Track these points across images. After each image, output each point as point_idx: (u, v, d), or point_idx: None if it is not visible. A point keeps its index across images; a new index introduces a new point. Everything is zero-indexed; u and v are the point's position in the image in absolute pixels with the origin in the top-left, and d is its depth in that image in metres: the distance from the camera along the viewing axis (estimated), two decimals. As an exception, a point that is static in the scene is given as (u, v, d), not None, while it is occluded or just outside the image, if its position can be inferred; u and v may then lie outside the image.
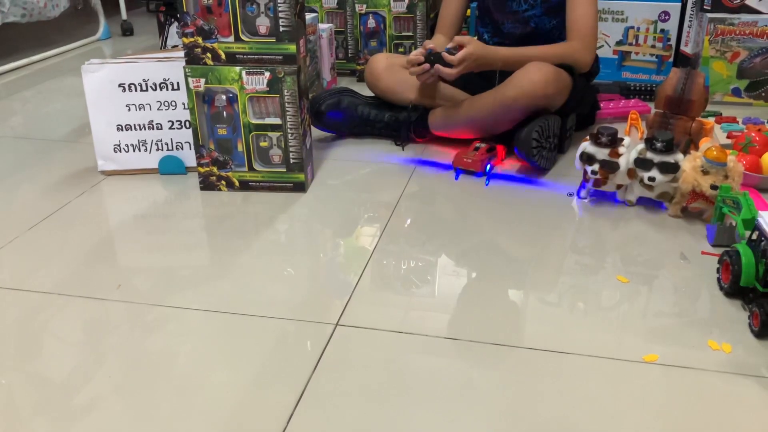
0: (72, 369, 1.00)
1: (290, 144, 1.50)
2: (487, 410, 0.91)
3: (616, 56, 2.27)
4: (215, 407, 0.92)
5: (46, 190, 1.58)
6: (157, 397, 0.94)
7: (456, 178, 1.58)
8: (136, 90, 1.59)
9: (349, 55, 2.40)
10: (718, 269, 1.17)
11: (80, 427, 0.89)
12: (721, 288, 1.15)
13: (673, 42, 2.22)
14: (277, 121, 1.49)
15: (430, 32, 2.27)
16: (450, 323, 1.09)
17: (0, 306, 1.15)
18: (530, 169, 1.62)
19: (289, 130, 1.49)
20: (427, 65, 1.62)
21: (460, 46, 1.59)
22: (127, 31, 3.23)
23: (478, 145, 1.63)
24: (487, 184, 1.53)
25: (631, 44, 2.26)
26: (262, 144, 1.52)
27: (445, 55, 1.59)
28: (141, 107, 1.60)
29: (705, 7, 2.10)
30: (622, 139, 1.42)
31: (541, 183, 1.58)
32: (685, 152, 1.43)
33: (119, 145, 1.62)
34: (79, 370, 1.00)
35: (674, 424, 0.88)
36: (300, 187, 1.54)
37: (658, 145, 1.36)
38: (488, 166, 1.61)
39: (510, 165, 1.66)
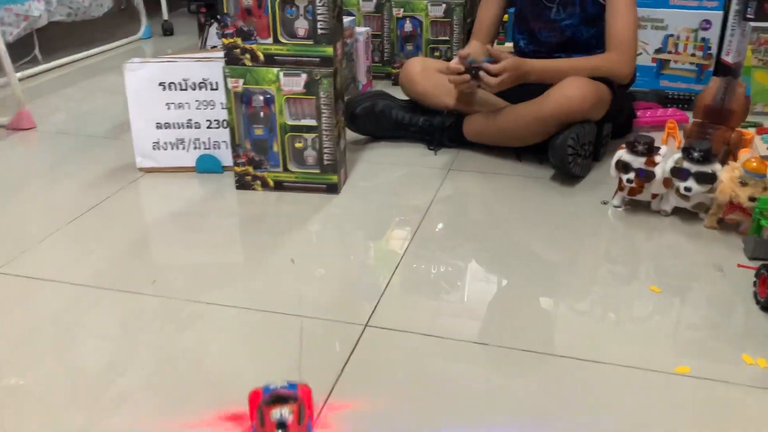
0: (106, 361, 1.03)
1: (325, 145, 1.52)
2: (514, 417, 0.91)
3: (654, 64, 2.25)
4: (245, 405, 0.93)
5: (86, 185, 1.62)
6: (187, 391, 0.96)
7: None
8: (175, 89, 1.61)
9: (385, 58, 2.41)
10: (754, 283, 1.15)
11: (113, 419, 0.91)
12: (758, 302, 1.13)
13: (713, 51, 2.19)
14: (313, 122, 1.51)
15: (467, 37, 2.27)
16: (479, 328, 1.09)
17: (39, 297, 1.18)
18: None
19: (324, 132, 1.51)
20: (467, 76, 1.61)
21: (496, 60, 1.58)
22: (168, 31, 3.29)
23: (279, 417, 0.80)
24: None
25: (670, 52, 2.23)
26: (297, 145, 1.53)
27: (486, 65, 1.58)
28: (180, 106, 1.63)
29: (748, 16, 2.07)
30: (658, 148, 1.41)
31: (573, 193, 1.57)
32: (724, 162, 1.41)
33: (158, 143, 1.65)
34: (113, 362, 1.02)
35: (705, 438, 0.87)
36: (333, 189, 1.55)
37: (696, 154, 1.35)
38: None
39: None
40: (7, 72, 2.02)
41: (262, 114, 1.52)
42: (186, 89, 1.62)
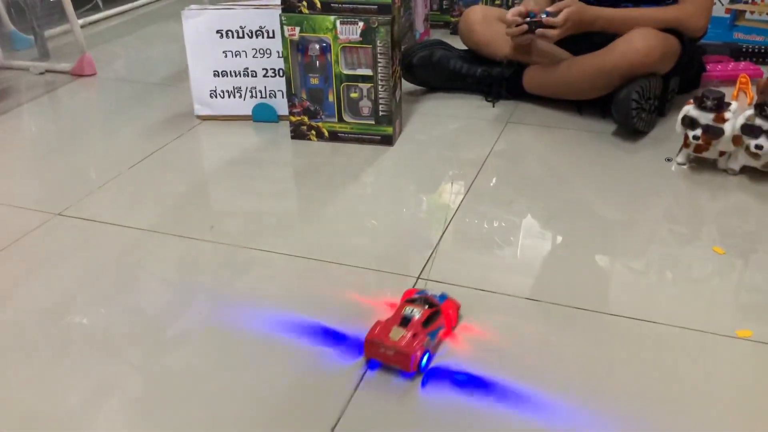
0: (165, 304, 1.05)
1: (380, 96, 1.50)
2: (563, 372, 0.90)
3: (728, 15, 2.13)
4: (297, 348, 0.94)
5: (146, 132, 1.65)
6: (242, 335, 0.98)
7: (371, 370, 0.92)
8: (232, 37, 1.61)
9: (444, 6, 2.35)
10: (825, 247, 1.10)
11: (170, 359, 0.94)
12: (828, 267, 1.09)
13: (794, 1, 2.06)
14: (369, 72, 1.49)
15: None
16: (532, 284, 1.08)
17: (101, 240, 1.22)
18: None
19: (380, 82, 1.49)
20: (525, 27, 1.56)
21: (560, 11, 1.53)
22: (226, -22, 3.28)
23: (408, 313, 0.93)
24: (423, 386, 0.88)
25: (746, 2, 2.11)
26: (353, 95, 1.52)
27: (547, 19, 1.53)
28: (237, 54, 1.63)
29: (834, -37, 1.93)
30: (729, 104, 1.34)
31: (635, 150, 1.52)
32: (799, 120, 1.33)
33: (215, 91, 1.66)
34: (171, 305, 1.05)
35: (764, 402, 0.85)
36: (388, 141, 1.54)
37: (769, 111, 1.28)
38: (425, 357, 0.90)
39: (467, 339, 0.96)
40: (70, 19, 2.05)
41: (317, 63, 1.51)
42: (243, 37, 1.61)
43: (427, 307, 0.94)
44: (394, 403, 0.86)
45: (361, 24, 1.44)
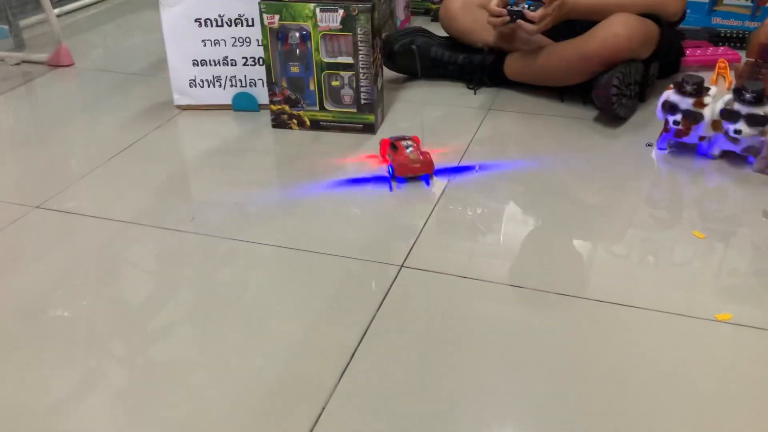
0: (147, 296, 1.05)
1: (362, 84, 1.49)
2: (548, 359, 0.90)
3: (707, 0, 2.14)
4: (281, 339, 0.94)
5: (125, 123, 1.63)
6: (225, 327, 0.97)
7: (395, 187, 1.33)
8: (211, 25, 1.60)
9: (424, -7, 2.34)
10: (803, 229, 1.12)
11: (153, 350, 0.94)
12: (805, 249, 1.10)
13: (771, -14, 2.07)
14: (350, 60, 1.48)
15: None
16: (515, 271, 1.09)
17: (81, 233, 1.21)
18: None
19: (361, 70, 1.48)
20: (506, 18, 1.56)
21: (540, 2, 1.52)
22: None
23: (407, 142, 1.36)
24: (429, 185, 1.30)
25: (724, -13, 2.12)
26: (334, 83, 1.51)
27: (527, 13, 1.52)
28: (216, 43, 1.61)
29: (811, -53, 1.94)
30: (708, 89, 1.35)
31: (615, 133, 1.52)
32: (777, 105, 1.35)
33: (194, 80, 1.65)
34: (153, 297, 1.04)
35: (744, 386, 0.86)
36: (370, 128, 1.54)
37: (747, 96, 1.29)
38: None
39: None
40: (45, 8, 2.02)
41: (298, 51, 1.49)
42: (222, 26, 1.60)
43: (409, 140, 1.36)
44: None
45: (341, 11, 1.43)
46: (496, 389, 0.86)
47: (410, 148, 1.34)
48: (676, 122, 1.36)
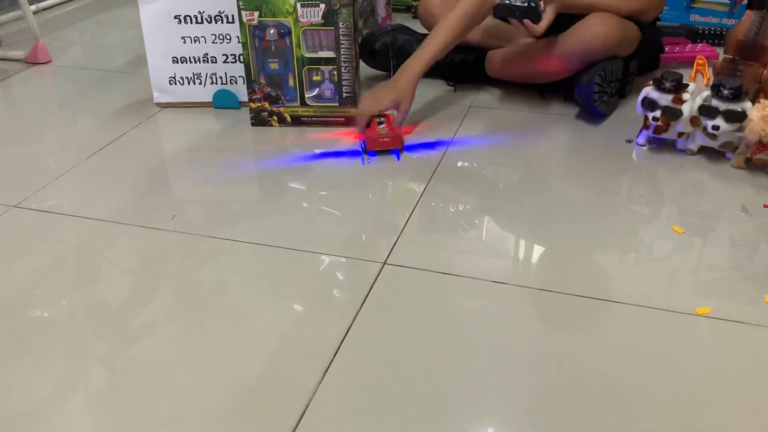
0: (127, 295, 1.04)
1: (344, 78, 1.49)
2: (530, 355, 0.91)
3: (685, -3, 2.16)
4: (263, 338, 0.94)
5: (104, 120, 1.61)
6: (207, 325, 0.97)
7: (367, 160, 1.41)
8: (191, 22, 1.58)
9: (405, -10, 2.34)
10: (780, 224, 1.13)
11: (134, 350, 0.93)
12: (782, 243, 1.12)
13: (748, -17, 2.09)
14: (331, 54, 1.48)
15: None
16: (497, 267, 1.09)
17: (60, 232, 1.19)
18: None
19: (342, 64, 1.48)
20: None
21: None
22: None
23: (380, 119, 1.46)
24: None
25: (702, -15, 2.14)
26: (315, 78, 1.51)
27: (528, 24, 1.47)
28: (196, 40, 1.60)
29: (786, -55, 1.96)
30: (686, 85, 1.36)
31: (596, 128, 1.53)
32: (754, 101, 1.36)
33: (174, 78, 1.63)
34: (134, 296, 1.03)
35: (724, 379, 0.87)
36: (352, 122, 1.53)
37: (725, 92, 1.30)
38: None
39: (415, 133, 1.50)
40: (22, 4, 1.99)
41: (275, 48, 1.49)
42: (202, 22, 1.58)
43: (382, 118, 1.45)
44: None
45: (322, 6, 1.43)
46: (480, 385, 0.86)
47: (382, 125, 1.43)
48: (655, 119, 1.37)
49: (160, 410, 0.83)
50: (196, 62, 1.62)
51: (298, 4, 1.43)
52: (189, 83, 1.64)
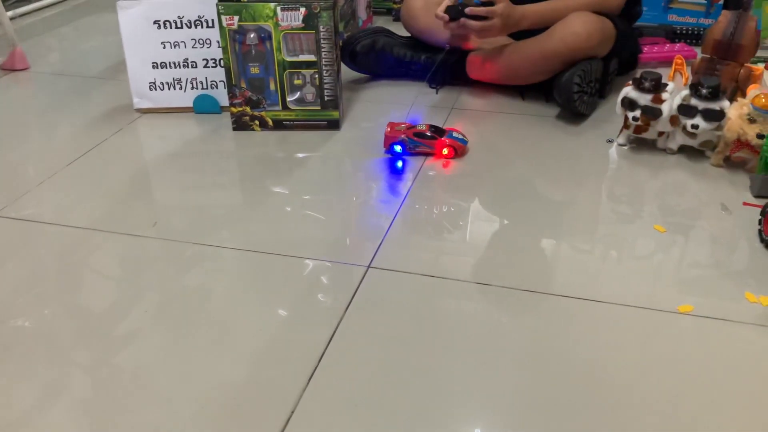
0: (110, 303, 1.03)
1: (325, 81, 1.49)
2: (515, 356, 0.91)
3: (663, -2, 2.18)
4: (247, 343, 0.93)
5: (84, 127, 1.60)
6: (192, 332, 0.96)
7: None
8: (170, 27, 1.57)
9: (386, -7, 2.34)
10: (759, 221, 1.14)
11: (118, 358, 0.92)
12: (762, 240, 1.13)
13: (724, -17, 2.12)
14: (312, 57, 1.47)
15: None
16: (481, 268, 1.09)
17: (41, 240, 1.18)
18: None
19: (324, 67, 1.48)
20: (446, 17, 1.54)
21: (489, 2, 1.52)
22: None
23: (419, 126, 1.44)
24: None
25: (679, -15, 2.16)
26: (296, 82, 1.50)
27: (472, 9, 1.51)
28: (176, 45, 1.59)
29: (761, -55, 1.99)
30: (665, 85, 1.38)
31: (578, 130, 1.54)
32: (732, 99, 1.38)
33: (154, 83, 1.62)
34: (116, 304, 1.03)
35: (707, 376, 0.88)
36: (335, 125, 1.53)
37: (704, 91, 1.32)
38: (399, 146, 1.42)
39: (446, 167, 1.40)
40: (-2, 10, 1.97)
41: (255, 52, 1.48)
42: (181, 27, 1.58)
43: (431, 131, 1.42)
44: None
45: (302, 10, 1.43)
46: (465, 387, 0.86)
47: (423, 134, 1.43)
48: (635, 118, 1.38)
49: (143, 418, 0.82)
50: (176, 67, 1.61)
51: (279, 8, 1.43)
52: (169, 88, 1.63)
